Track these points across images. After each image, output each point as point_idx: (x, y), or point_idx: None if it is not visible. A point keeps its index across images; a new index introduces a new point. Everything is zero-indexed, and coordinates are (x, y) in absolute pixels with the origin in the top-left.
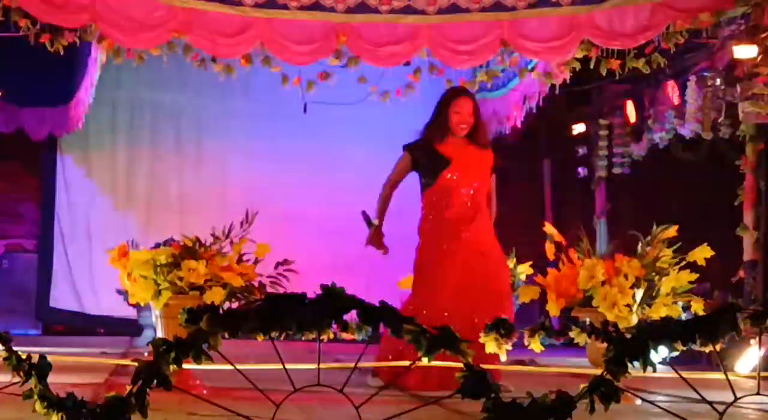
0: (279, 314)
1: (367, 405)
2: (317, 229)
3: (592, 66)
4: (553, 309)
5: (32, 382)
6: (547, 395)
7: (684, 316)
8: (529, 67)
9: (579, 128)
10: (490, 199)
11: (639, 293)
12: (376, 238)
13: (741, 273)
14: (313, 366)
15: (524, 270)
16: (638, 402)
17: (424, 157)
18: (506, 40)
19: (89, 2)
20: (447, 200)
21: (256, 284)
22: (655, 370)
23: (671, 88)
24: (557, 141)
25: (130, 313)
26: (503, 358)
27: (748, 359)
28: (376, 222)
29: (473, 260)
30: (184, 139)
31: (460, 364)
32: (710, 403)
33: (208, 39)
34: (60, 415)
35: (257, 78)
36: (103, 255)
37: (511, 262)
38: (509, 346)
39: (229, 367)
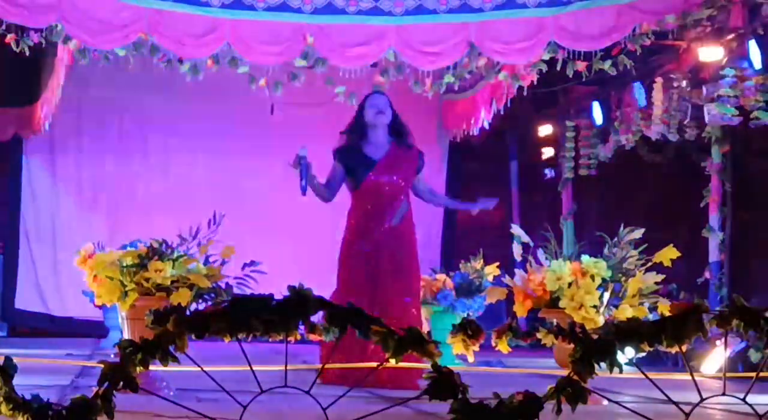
0: (246, 315)
1: (335, 406)
2: (285, 230)
3: (558, 68)
4: (520, 310)
5: None
6: (515, 396)
7: (650, 317)
8: (497, 68)
9: (546, 130)
10: (430, 193)
11: (606, 294)
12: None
13: (707, 274)
14: (281, 367)
15: (491, 271)
16: (605, 403)
17: (352, 159)
18: (473, 42)
19: (55, 2)
20: (371, 199)
21: (223, 286)
22: (621, 371)
23: (637, 90)
24: (524, 143)
25: (96, 314)
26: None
27: (713, 360)
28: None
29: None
30: (151, 139)
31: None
32: (676, 403)
33: (175, 40)
34: (26, 416)
35: (225, 78)
36: (68, 256)
37: (478, 264)
38: (476, 347)
39: (195, 368)
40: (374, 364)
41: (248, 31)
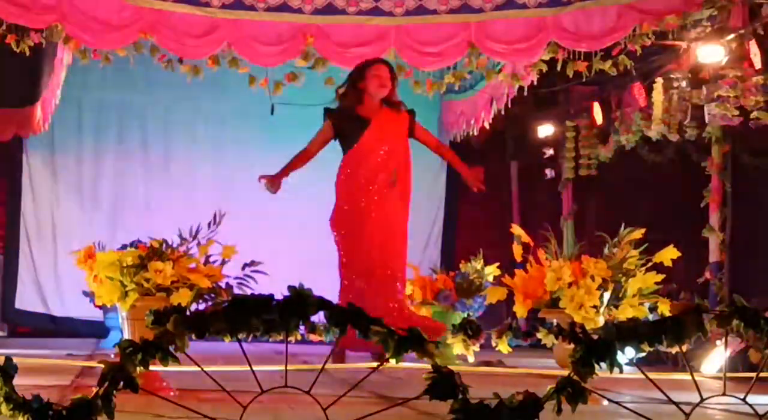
0: (246, 316)
1: (335, 406)
2: (286, 230)
3: (558, 68)
4: (521, 310)
5: None
6: (515, 396)
7: (650, 317)
8: (497, 68)
9: (546, 130)
10: (438, 147)
11: (606, 295)
12: (274, 180)
13: (707, 274)
14: (281, 367)
15: (492, 271)
16: (605, 403)
17: (346, 121)
18: (473, 42)
19: (55, 3)
20: (365, 160)
21: (223, 286)
22: (621, 371)
23: (637, 90)
24: (524, 143)
25: (97, 314)
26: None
27: (713, 360)
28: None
29: (382, 221)
30: (151, 139)
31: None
32: (676, 404)
33: (175, 40)
34: (26, 417)
35: (225, 78)
36: (69, 256)
37: (478, 264)
38: (477, 347)
39: (196, 368)
40: (374, 364)
41: (248, 32)
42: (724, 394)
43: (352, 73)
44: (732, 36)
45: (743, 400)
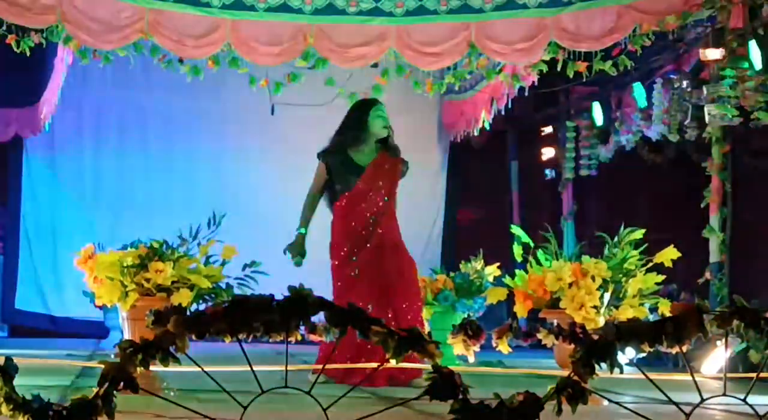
0: (246, 316)
1: (335, 406)
2: (285, 230)
3: (559, 68)
4: (521, 311)
5: None
6: (515, 396)
7: (651, 318)
8: (497, 69)
9: (546, 130)
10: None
11: (606, 295)
12: (296, 246)
13: (707, 274)
14: (281, 368)
15: (492, 271)
16: (605, 403)
17: (338, 163)
18: (473, 42)
19: (55, 3)
20: (360, 205)
21: (223, 286)
22: (622, 372)
23: (637, 91)
24: (524, 143)
25: (97, 314)
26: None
27: (714, 360)
28: (302, 230)
29: (384, 260)
30: (151, 139)
31: (421, 365)
32: (677, 404)
33: (175, 40)
34: (26, 417)
35: (226, 78)
36: (69, 256)
37: (478, 264)
38: (477, 348)
39: (196, 369)
40: (374, 365)
41: (249, 32)
42: (724, 395)
43: (355, 110)
44: (732, 36)
45: (743, 400)
